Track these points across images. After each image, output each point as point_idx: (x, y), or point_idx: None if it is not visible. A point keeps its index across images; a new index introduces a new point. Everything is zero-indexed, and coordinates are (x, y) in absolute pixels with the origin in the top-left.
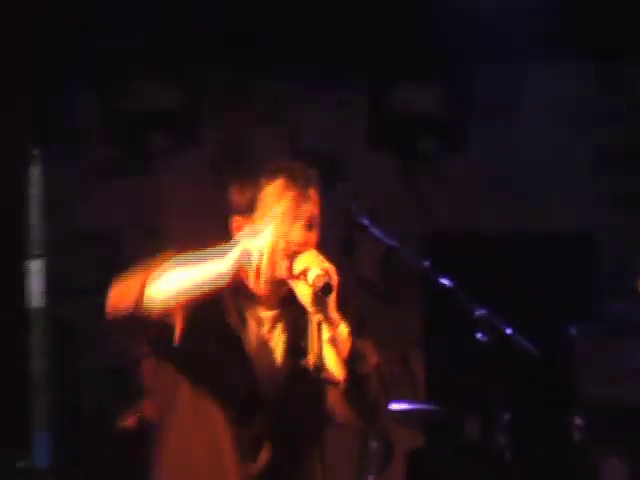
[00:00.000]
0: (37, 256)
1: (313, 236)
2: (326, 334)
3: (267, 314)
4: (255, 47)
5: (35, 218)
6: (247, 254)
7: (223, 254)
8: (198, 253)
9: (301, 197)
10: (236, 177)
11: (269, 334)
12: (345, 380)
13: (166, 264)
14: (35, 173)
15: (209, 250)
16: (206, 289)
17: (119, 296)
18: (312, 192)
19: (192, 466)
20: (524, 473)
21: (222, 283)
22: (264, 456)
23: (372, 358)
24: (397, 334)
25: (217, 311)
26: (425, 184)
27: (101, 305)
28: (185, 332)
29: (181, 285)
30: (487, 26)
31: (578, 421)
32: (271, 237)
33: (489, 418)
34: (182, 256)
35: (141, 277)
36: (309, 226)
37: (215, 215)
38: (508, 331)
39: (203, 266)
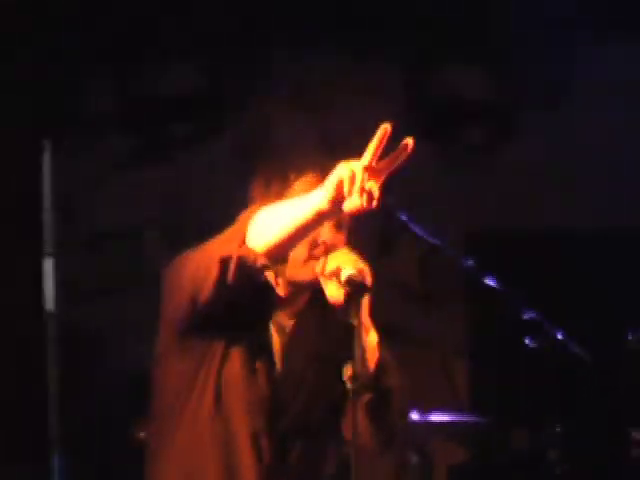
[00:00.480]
0: (51, 255)
1: (343, 236)
2: (370, 339)
3: (289, 321)
4: (281, 30)
5: (48, 214)
6: (340, 179)
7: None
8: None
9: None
10: (260, 170)
11: (290, 341)
12: (370, 392)
13: (260, 214)
14: (48, 166)
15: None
16: (307, 227)
17: (219, 252)
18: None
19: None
20: None
21: (322, 218)
22: (284, 460)
23: (398, 372)
24: (437, 340)
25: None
26: (468, 176)
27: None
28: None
29: (282, 229)
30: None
31: (637, 436)
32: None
33: (539, 431)
34: (273, 206)
35: (238, 230)
36: (339, 226)
37: (241, 209)
38: (560, 336)
39: (300, 205)
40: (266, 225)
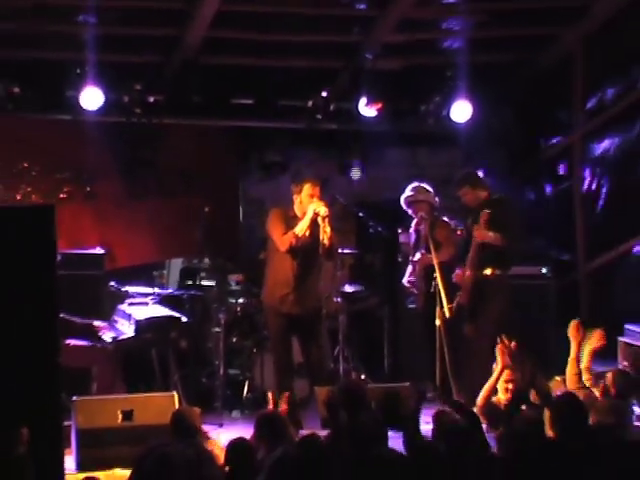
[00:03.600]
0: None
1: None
2: (327, 229)
3: (308, 230)
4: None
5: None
6: (312, 211)
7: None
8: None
9: (317, 189)
10: (295, 180)
11: (310, 233)
12: (329, 240)
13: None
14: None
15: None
16: (307, 226)
17: (289, 237)
18: (319, 187)
19: (280, 279)
20: None
21: (309, 222)
22: (301, 268)
23: (336, 240)
24: (345, 230)
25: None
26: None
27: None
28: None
29: (301, 226)
30: None
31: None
32: (314, 206)
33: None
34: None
35: (292, 230)
36: (320, 198)
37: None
38: (380, 229)
39: (304, 221)
40: (299, 226)
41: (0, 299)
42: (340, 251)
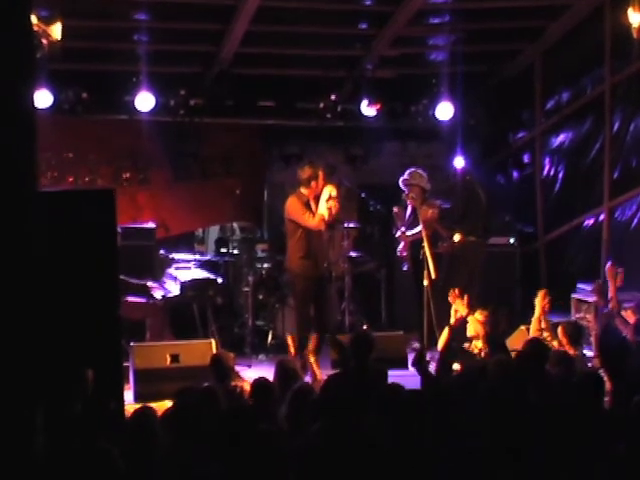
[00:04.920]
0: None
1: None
2: (336, 205)
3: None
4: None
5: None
6: (328, 193)
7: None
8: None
9: (328, 176)
10: (303, 168)
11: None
12: (337, 212)
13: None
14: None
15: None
16: (324, 209)
17: (321, 219)
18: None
19: (302, 249)
20: None
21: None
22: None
23: (342, 216)
24: (347, 208)
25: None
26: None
27: None
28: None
29: (322, 206)
30: None
31: None
32: (329, 189)
33: None
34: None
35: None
36: (328, 182)
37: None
38: (378, 206)
39: (322, 202)
40: (321, 208)
41: (72, 265)
42: (346, 225)
